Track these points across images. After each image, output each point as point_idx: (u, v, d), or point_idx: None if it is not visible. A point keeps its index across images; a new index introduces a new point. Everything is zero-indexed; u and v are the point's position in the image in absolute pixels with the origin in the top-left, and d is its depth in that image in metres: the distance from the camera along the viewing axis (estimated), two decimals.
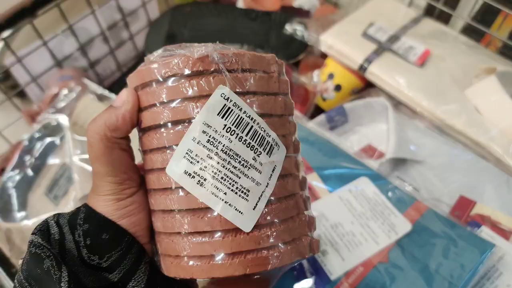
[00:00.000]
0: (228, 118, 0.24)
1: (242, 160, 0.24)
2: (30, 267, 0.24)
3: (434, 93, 0.64)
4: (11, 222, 0.61)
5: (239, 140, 0.24)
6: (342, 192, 0.56)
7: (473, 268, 0.47)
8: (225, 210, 0.24)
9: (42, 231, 0.25)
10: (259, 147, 0.24)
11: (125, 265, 0.25)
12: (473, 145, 0.61)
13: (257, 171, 0.24)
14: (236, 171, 0.24)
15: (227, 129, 0.24)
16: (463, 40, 0.73)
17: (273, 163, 0.25)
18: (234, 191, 0.24)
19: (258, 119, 0.24)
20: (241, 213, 0.24)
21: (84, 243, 0.25)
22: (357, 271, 0.50)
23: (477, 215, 0.55)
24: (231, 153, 0.24)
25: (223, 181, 0.24)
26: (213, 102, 0.24)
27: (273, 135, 0.25)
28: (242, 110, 0.24)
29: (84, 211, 0.26)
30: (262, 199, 0.24)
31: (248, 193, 0.24)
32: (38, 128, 0.66)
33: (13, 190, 0.63)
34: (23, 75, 0.75)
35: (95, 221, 0.26)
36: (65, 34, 0.76)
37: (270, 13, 0.82)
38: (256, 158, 0.24)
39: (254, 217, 0.24)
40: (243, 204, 0.24)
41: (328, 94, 0.73)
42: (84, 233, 0.25)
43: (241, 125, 0.24)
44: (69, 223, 0.25)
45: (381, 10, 0.77)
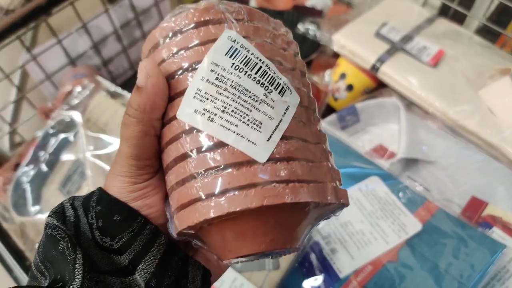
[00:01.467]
0: (236, 58, 0.24)
1: (252, 95, 0.24)
2: (46, 248, 0.24)
3: (447, 93, 0.64)
4: (25, 216, 0.62)
5: (248, 77, 0.24)
6: (352, 191, 0.56)
7: (483, 268, 0.46)
8: (237, 141, 0.23)
9: (58, 213, 0.25)
10: (270, 85, 0.24)
11: (136, 246, 0.25)
12: (485, 146, 0.61)
13: (269, 106, 0.23)
14: (246, 104, 0.23)
15: (235, 67, 0.24)
16: (477, 40, 0.73)
17: (286, 103, 0.24)
18: (246, 123, 0.23)
19: (267, 61, 0.24)
20: (255, 144, 0.23)
21: (97, 225, 0.25)
22: (366, 270, 0.49)
23: (489, 216, 0.54)
24: (241, 88, 0.24)
25: (234, 114, 0.23)
26: (220, 44, 0.24)
27: (285, 79, 0.24)
28: (250, 51, 0.24)
29: (97, 194, 0.26)
30: (276, 132, 0.23)
31: (261, 125, 0.23)
32: (52, 125, 0.67)
33: (27, 185, 0.64)
34: (38, 73, 0.76)
35: (107, 203, 0.25)
36: (79, 32, 0.77)
37: (283, 12, 0.82)
38: (267, 95, 0.24)
39: (268, 148, 0.23)
40: (256, 135, 0.23)
41: (340, 94, 0.73)
42: (97, 215, 0.25)
43: (250, 64, 0.24)
44: (83, 206, 0.26)
45: (395, 10, 0.76)
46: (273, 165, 0.22)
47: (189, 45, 0.24)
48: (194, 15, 0.25)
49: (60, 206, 0.26)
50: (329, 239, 0.53)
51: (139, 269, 0.25)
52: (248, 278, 0.50)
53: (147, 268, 0.25)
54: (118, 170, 0.26)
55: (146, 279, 0.25)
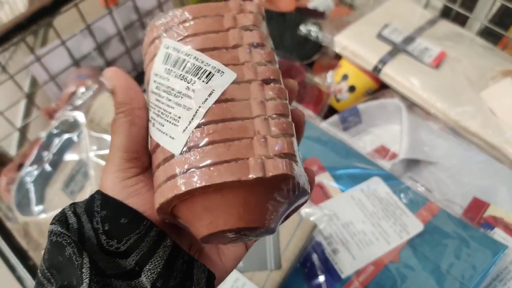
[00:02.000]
0: (168, 62, 0.26)
1: (175, 92, 0.25)
2: (51, 255, 0.24)
3: (449, 94, 0.64)
4: (28, 216, 0.63)
5: (175, 76, 0.26)
6: (354, 192, 0.56)
7: (485, 269, 0.47)
8: (162, 139, 0.26)
9: (61, 221, 0.25)
10: (194, 76, 0.25)
11: (143, 247, 0.25)
12: (487, 147, 0.61)
13: (188, 98, 0.25)
14: (171, 103, 0.25)
15: (167, 71, 0.26)
16: (479, 42, 0.73)
17: (210, 88, 0.25)
18: (169, 121, 0.25)
19: (195, 53, 0.26)
20: (172, 138, 0.25)
21: (103, 229, 0.25)
22: (367, 270, 0.50)
23: (490, 217, 0.54)
24: (168, 89, 0.26)
25: (162, 115, 0.26)
26: (160, 55, 0.27)
27: (215, 63, 0.26)
28: (180, 51, 0.26)
29: (99, 198, 0.26)
30: (192, 122, 0.24)
31: (179, 119, 0.25)
32: (56, 125, 0.68)
33: (31, 184, 0.65)
34: (42, 74, 0.77)
35: (112, 206, 0.26)
36: (83, 33, 0.78)
37: (285, 14, 0.83)
38: (189, 87, 0.25)
39: (183, 140, 0.24)
40: (174, 130, 0.25)
41: (342, 95, 0.73)
42: (102, 219, 0.25)
43: (178, 63, 0.26)
44: (86, 211, 0.26)
45: (397, 12, 0.77)
46: (186, 154, 0.24)
47: (147, 63, 0.28)
48: (149, 34, 0.28)
49: (62, 214, 0.26)
50: (330, 239, 0.53)
51: (146, 270, 0.25)
52: (250, 278, 0.50)
53: (153, 268, 0.25)
54: (109, 167, 0.27)
55: (152, 279, 0.25)
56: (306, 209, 0.54)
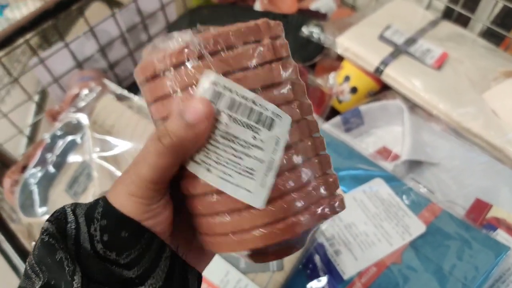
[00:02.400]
0: (220, 103, 0.24)
1: (242, 142, 0.24)
2: (41, 254, 0.24)
3: (451, 96, 0.64)
4: (32, 217, 0.63)
5: (235, 122, 0.24)
6: (356, 193, 0.56)
7: (488, 270, 0.47)
8: (235, 191, 0.25)
9: (59, 220, 0.25)
10: (257, 124, 0.24)
11: (145, 262, 0.25)
12: (489, 148, 0.61)
13: (259, 149, 0.24)
14: (237, 153, 0.24)
15: (223, 113, 0.24)
16: (482, 43, 0.73)
17: (275, 137, 0.25)
18: (239, 172, 0.24)
19: (251, 95, 0.24)
20: (250, 192, 0.24)
21: (100, 238, 0.24)
22: (370, 271, 0.50)
23: (493, 218, 0.54)
24: (230, 136, 0.24)
25: (227, 164, 0.24)
26: (203, 91, 0.24)
27: (272, 107, 0.24)
28: (232, 90, 0.24)
29: (102, 205, 0.25)
30: (269, 176, 0.24)
31: (254, 172, 0.24)
32: (59, 127, 0.68)
33: (35, 186, 0.65)
34: (46, 76, 0.77)
35: (115, 218, 0.25)
36: (86, 36, 0.78)
37: (287, 15, 0.83)
38: (256, 136, 0.24)
39: (263, 194, 0.24)
40: (250, 183, 0.24)
41: (344, 96, 0.73)
42: (102, 228, 0.24)
43: (234, 106, 0.24)
44: (86, 215, 0.25)
45: (399, 13, 0.77)
46: (270, 207, 0.25)
47: (166, 93, 0.25)
48: (168, 59, 0.24)
49: (61, 212, 0.25)
50: (333, 240, 0.53)
51: (148, 284, 0.25)
52: (253, 279, 0.50)
53: (155, 282, 0.25)
54: (133, 191, 0.25)
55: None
56: None
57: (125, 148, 0.62)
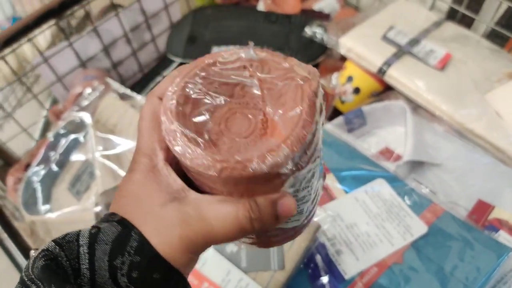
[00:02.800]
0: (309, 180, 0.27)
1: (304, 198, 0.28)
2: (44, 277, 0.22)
3: (454, 96, 0.64)
4: (35, 215, 0.63)
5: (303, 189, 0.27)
6: (358, 193, 0.56)
7: (489, 271, 0.46)
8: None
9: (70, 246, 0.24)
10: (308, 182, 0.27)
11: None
12: (492, 149, 0.61)
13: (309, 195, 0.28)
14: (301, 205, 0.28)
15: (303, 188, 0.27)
16: (485, 44, 0.73)
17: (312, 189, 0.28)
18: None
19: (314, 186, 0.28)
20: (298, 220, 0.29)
21: (127, 273, 0.23)
22: (371, 272, 0.50)
23: (495, 219, 0.54)
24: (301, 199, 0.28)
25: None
26: (288, 187, 0.25)
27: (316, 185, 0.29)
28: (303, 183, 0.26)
29: (137, 240, 0.24)
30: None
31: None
32: (62, 125, 0.68)
33: (38, 184, 0.66)
34: (49, 75, 0.78)
35: (149, 257, 0.24)
36: (90, 35, 0.79)
37: (290, 16, 0.83)
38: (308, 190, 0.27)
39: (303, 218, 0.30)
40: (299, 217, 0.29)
41: (346, 96, 0.73)
42: (133, 264, 0.23)
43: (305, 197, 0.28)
44: (114, 243, 0.23)
45: (402, 14, 0.77)
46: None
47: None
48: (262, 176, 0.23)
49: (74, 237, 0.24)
50: (334, 240, 0.53)
51: None
52: (254, 279, 0.50)
53: None
54: (191, 248, 0.24)
55: None
56: None
57: (127, 147, 0.62)
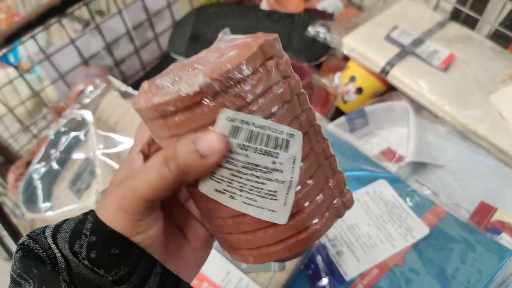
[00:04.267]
0: (239, 136, 0.24)
1: (263, 168, 0.25)
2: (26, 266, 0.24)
3: (458, 97, 0.63)
4: (35, 212, 0.63)
5: (255, 151, 0.24)
6: (360, 194, 0.55)
7: (491, 274, 0.46)
8: (259, 213, 0.26)
9: (39, 239, 0.25)
10: (275, 149, 0.25)
11: (134, 279, 0.25)
12: (496, 151, 0.60)
13: (279, 172, 0.25)
14: (260, 179, 0.25)
15: (241, 146, 0.24)
16: (489, 45, 0.72)
17: (292, 156, 0.25)
18: (263, 196, 0.25)
19: (267, 123, 0.24)
20: (274, 211, 0.26)
21: (87, 255, 0.24)
22: (372, 273, 0.49)
23: (498, 221, 0.54)
24: (251, 166, 0.25)
25: (251, 191, 0.25)
26: (221, 127, 0.24)
27: (286, 129, 0.25)
28: (249, 123, 0.24)
29: (92, 221, 0.25)
30: (290, 194, 0.26)
31: (276, 193, 0.25)
32: (64, 123, 0.68)
33: (38, 181, 0.65)
34: (51, 72, 0.78)
35: (104, 234, 0.24)
36: (92, 33, 0.78)
37: (293, 15, 0.83)
38: (275, 161, 0.25)
39: (286, 211, 0.26)
40: (273, 204, 0.26)
41: (349, 96, 0.73)
42: (90, 244, 0.24)
43: (253, 137, 0.24)
44: (72, 231, 0.24)
45: (406, 14, 0.76)
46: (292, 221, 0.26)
47: (188, 130, 0.25)
48: (179, 102, 0.24)
49: (40, 235, 0.25)
50: (335, 241, 0.53)
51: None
52: (254, 279, 0.50)
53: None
54: (125, 206, 0.25)
55: None
56: None
57: (129, 145, 0.62)
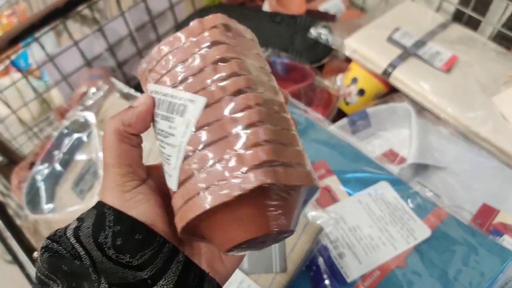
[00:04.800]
0: (156, 106, 0.28)
1: (164, 133, 0.27)
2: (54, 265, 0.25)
3: (460, 99, 0.63)
4: (38, 214, 0.64)
5: (161, 118, 0.27)
6: (361, 196, 0.55)
7: (493, 276, 0.46)
8: (166, 178, 0.27)
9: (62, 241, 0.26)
10: (171, 113, 0.27)
11: (157, 263, 0.26)
12: (498, 153, 0.60)
13: (172, 136, 0.26)
14: (163, 144, 0.27)
15: (156, 114, 0.28)
16: (492, 46, 0.72)
17: (185, 120, 0.26)
18: (165, 161, 0.27)
19: (169, 91, 0.27)
20: (170, 176, 0.27)
21: (112, 244, 0.26)
22: (373, 275, 0.49)
23: (500, 223, 0.54)
24: (158, 131, 0.28)
25: (161, 155, 0.28)
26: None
27: (187, 95, 0.26)
28: (158, 92, 0.27)
29: (112, 214, 0.27)
30: (179, 158, 0.26)
31: (170, 157, 0.27)
32: (66, 125, 0.69)
33: (41, 183, 0.66)
34: (55, 73, 0.78)
35: (127, 222, 0.26)
36: (95, 34, 0.79)
37: (295, 16, 0.83)
38: (171, 125, 0.27)
39: (176, 176, 0.26)
40: (168, 168, 0.27)
41: (351, 98, 0.73)
42: (115, 234, 0.26)
43: (160, 105, 0.27)
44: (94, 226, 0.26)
45: (408, 15, 0.76)
46: (181, 188, 0.26)
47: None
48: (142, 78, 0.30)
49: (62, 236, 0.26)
50: (337, 243, 0.53)
51: (160, 285, 0.26)
52: (255, 280, 0.50)
53: (167, 284, 0.26)
54: (106, 181, 0.28)
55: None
56: (313, 213, 0.53)
57: None
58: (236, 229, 0.25)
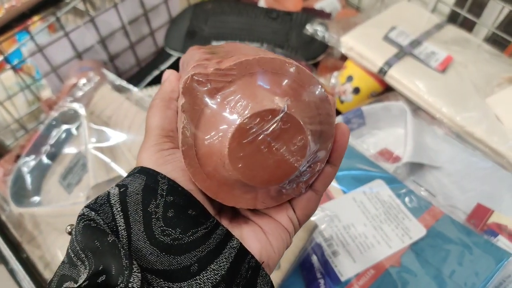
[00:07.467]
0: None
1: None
2: (87, 238, 0.22)
3: (455, 99, 0.63)
4: (24, 207, 0.61)
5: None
6: (356, 194, 0.55)
7: (488, 276, 0.46)
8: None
9: (103, 207, 0.24)
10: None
11: (210, 244, 0.24)
12: (492, 153, 0.60)
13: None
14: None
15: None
16: (486, 48, 0.72)
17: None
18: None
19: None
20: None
21: (163, 215, 0.24)
22: (368, 274, 0.49)
23: (494, 223, 0.53)
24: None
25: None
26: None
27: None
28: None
29: (165, 183, 0.25)
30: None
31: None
32: (55, 116, 0.67)
33: (27, 175, 0.64)
34: (44, 64, 0.76)
35: (182, 194, 0.25)
36: (86, 26, 0.77)
37: (291, 13, 0.82)
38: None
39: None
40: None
41: (346, 96, 0.72)
42: (167, 204, 0.24)
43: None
44: (144, 192, 0.24)
45: (404, 15, 0.76)
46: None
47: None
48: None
49: (104, 198, 0.24)
50: (331, 241, 0.52)
51: (210, 269, 0.23)
52: None
53: (218, 269, 0.24)
54: (145, 143, 0.28)
55: (215, 281, 0.23)
56: None
57: (121, 139, 0.61)
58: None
